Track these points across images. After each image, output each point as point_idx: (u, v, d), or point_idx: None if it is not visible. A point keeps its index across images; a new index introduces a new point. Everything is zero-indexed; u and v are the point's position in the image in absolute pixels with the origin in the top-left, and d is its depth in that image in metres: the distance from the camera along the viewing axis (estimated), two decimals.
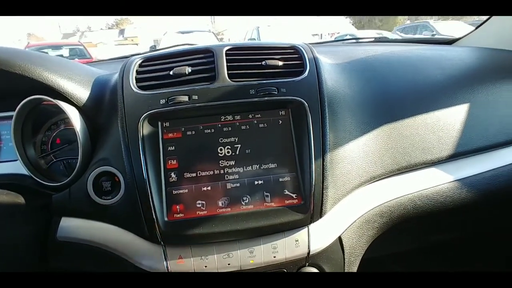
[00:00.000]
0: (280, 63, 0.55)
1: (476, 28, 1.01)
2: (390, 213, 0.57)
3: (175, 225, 0.48)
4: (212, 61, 0.54)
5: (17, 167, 0.62)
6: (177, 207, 0.49)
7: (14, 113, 0.57)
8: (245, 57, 0.55)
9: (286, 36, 7.25)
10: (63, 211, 0.53)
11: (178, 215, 0.49)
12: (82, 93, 0.55)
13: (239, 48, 0.57)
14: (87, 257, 0.53)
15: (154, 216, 0.47)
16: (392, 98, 0.63)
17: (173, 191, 0.49)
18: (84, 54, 6.68)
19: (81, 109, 0.54)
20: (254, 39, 7.73)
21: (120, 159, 0.50)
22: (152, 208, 0.47)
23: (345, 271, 0.54)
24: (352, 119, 0.57)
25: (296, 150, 0.51)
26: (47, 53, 6.61)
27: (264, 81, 0.53)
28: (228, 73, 0.53)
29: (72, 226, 0.52)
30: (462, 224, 0.69)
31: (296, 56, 0.57)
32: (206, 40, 6.84)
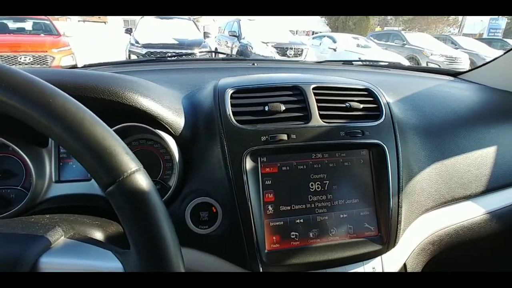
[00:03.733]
0: (361, 105, 0.61)
1: (481, 65, 1.15)
2: (439, 241, 0.66)
3: (273, 255, 0.52)
4: (303, 100, 0.59)
5: (88, 187, 0.62)
6: (274, 238, 0.53)
7: None
8: (330, 98, 0.60)
9: (266, 31, 7.31)
10: None
11: (275, 245, 0.53)
12: (178, 121, 0.56)
13: (323, 88, 0.61)
14: None
15: (256, 247, 0.51)
16: (438, 137, 0.71)
17: (270, 223, 0.53)
18: (50, 29, 6.10)
19: (177, 138, 0.55)
20: (235, 31, 7.65)
21: (221, 191, 0.52)
22: (255, 239, 0.51)
23: None
24: (414, 157, 0.64)
25: (375, 186, 0.58)
26: (7, 24, 5.97)
27: (352, 124, 0.58)
28: (319, 113, 0.57)
29: None
30: (492, 247, 0.81)
31: (371, 99, 0.63)
32: (187, 28, 6.63)
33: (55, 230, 0.34)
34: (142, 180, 0.28)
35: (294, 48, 6.80)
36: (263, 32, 7.18)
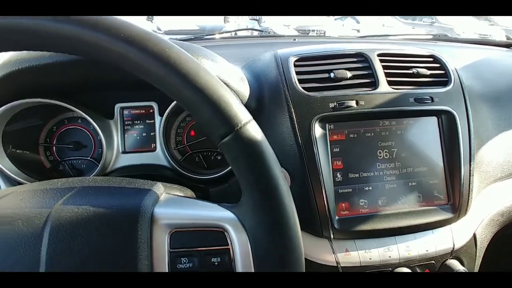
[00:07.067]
0: (428, 72, 0.58)
1: None
2: (508, 212, 0.63)
3: (344, 221, 0.52)
4: (368, 67, 0.57)
5: (153, 158, 0.64)
6: (343, 205, 0.53)
7: (169, 107, 0.58)
8: (395, 64, 0.58)
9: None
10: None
11: (344, 212, 0.53)
12: (244, 89, 0.56)
13: (387, 55, 0.59)
14: None
15: (327, 214, 0.51)
16: (505, 106, 0.68)
17: (339, 190, 0.53)
18: None
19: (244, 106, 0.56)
20: (256, 18, 7.53)
21: (290, 159, 0.52)
22: (326, 206, 0.51)
23: (476, 264, 0.61)
24: (482, 126, 0.61)
25: (445, 155, 0.56)
26: None
27: (420, 91, 0.56)
28: (387, 80, 0.56)
29: None
30: None
31: (438, 65, 0.60)
32: None
33: (157, 185, 0.35)
34: (257, 130, 0.29)
35: (317, 30, 6.62)
36: (282, 16, 7.03)
